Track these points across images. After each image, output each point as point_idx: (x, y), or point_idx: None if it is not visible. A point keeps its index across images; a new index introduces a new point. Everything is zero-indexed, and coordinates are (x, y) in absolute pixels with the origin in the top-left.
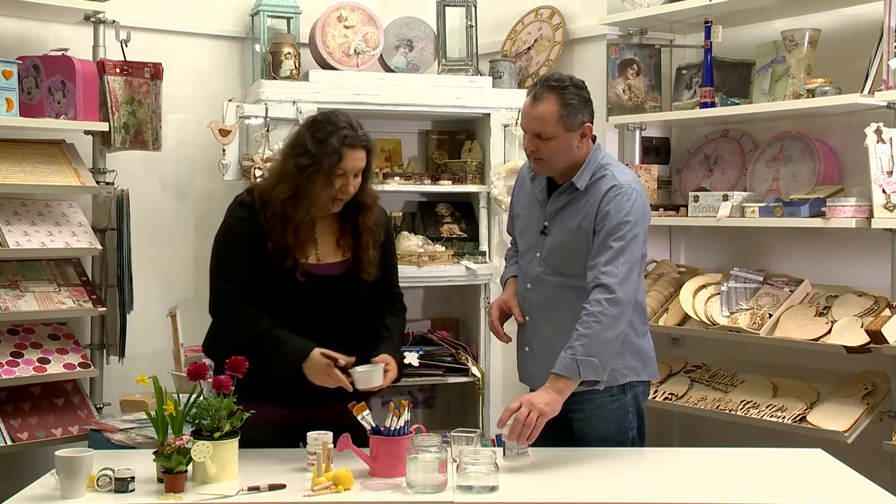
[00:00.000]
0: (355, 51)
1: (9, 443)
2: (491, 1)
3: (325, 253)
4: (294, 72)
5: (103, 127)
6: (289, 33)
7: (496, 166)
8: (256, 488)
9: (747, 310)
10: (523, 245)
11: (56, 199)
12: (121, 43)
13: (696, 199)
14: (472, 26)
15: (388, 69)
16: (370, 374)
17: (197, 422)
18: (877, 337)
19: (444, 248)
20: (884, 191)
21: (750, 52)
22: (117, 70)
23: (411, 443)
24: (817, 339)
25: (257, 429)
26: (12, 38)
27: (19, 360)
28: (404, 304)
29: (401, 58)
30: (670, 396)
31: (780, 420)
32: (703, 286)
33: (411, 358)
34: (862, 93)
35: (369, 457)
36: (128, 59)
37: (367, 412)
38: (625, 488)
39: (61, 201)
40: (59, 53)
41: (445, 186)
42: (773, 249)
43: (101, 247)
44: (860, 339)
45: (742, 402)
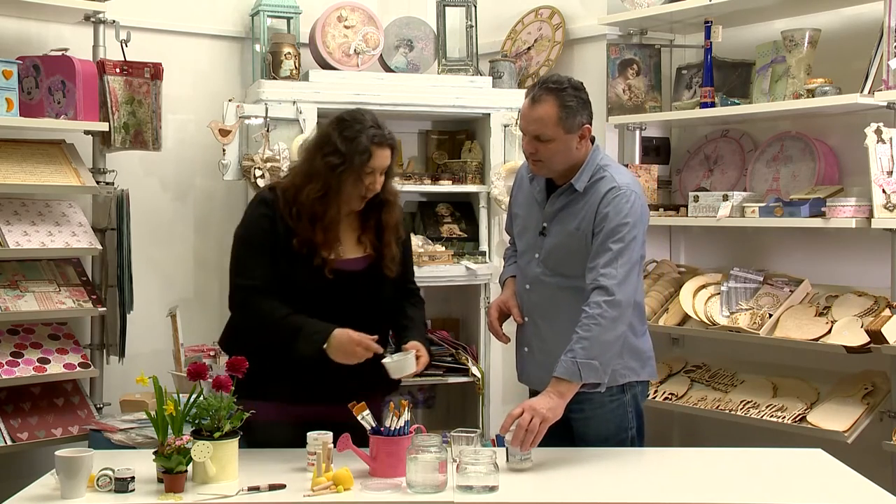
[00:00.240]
0: (355, 51)
1: (9, 443)
2: (491, 1)
3: (347, 249)
4: (294, 72)
5: (103, 127)
6: (289, 33)
7: (496, 166)
8: (256, 488)
9: (747, 310)
10: (522, 245)
11: (56, 199)
12: (121, 43)
13: (696, 199)
14: (472, 26)
15: (388, 69)
16: (403, 362)
17: (197, 422)
18: (877, 337)
19: (444, 248)
20: (884, 191)
21: (750, 52)
22: (117, 70)
23: (411, 443)
24: (817, 339)
25: (263, 427)
26: (12, 38)
27: (19, 360)
28: (422, 298)
29: (401, 58)
30: (670, 396)
31: (780, 420)
32: (703, 286)
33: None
34: (862, 93)
35: (369, 457)
36: (128, 59)
37: (367, 412)
38: (625, 488)
39: (61, 201)
40: (59, 53)
41: (445, 186)
42: (773, 249)
43: (101, 247)
44: (860, 339)
45: (742, 402)
